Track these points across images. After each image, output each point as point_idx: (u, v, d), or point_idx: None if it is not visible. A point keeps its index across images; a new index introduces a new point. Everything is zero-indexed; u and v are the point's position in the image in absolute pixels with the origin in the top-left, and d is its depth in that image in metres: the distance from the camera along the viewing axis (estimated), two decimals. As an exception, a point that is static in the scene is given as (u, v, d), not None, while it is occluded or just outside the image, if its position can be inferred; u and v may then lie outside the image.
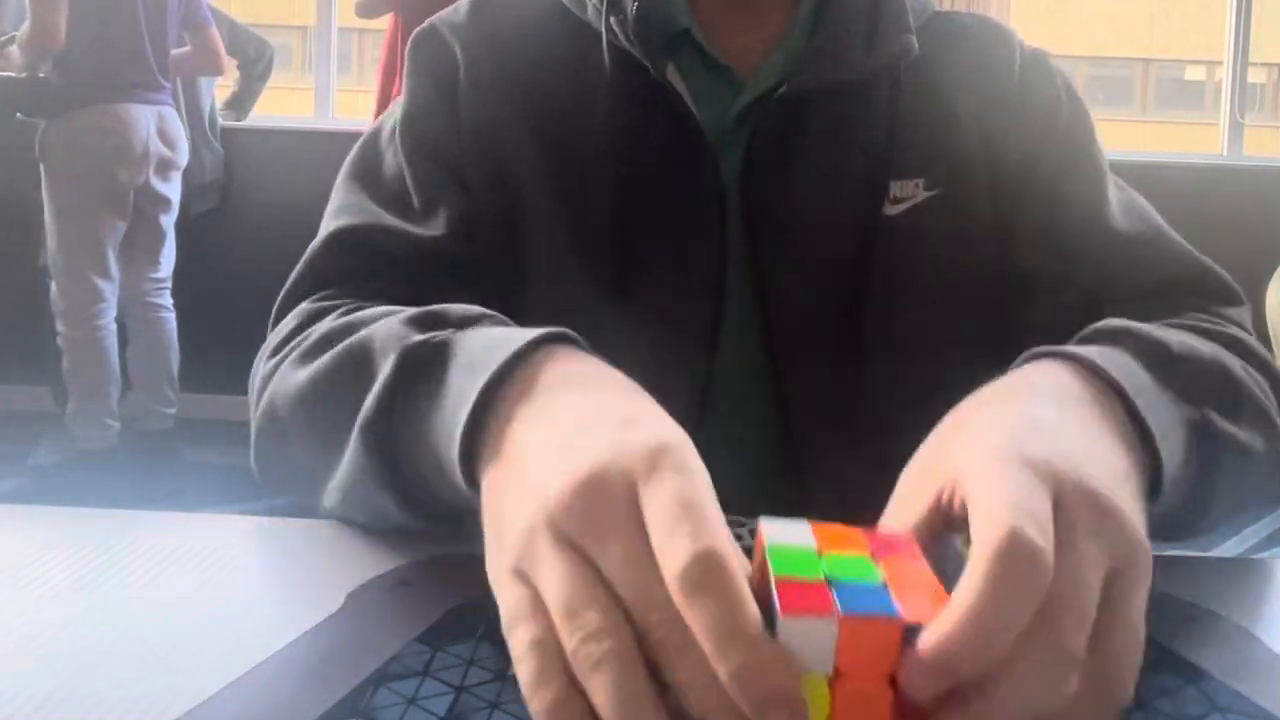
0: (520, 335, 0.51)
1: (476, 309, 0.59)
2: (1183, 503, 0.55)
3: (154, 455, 3.33)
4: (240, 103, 4.02)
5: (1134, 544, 0.41)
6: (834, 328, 0.77)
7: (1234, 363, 0.62)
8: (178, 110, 3.33)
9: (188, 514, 0.68)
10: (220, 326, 3.85)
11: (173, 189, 3.33)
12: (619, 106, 0.78)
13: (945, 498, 0.43)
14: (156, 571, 0.59)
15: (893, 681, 0.38)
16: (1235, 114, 4.08)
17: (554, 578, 0.38)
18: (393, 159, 0.80)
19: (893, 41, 0.79)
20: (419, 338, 0.56)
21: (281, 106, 4.72)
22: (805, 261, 0.78)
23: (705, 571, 0.35)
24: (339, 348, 0.60)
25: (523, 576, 0.40)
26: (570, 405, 0.46)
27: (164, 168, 3.25)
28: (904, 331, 0.78)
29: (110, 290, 3.21)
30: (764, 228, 0.77)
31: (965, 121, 0.81)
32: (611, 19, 0.78)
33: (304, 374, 0.62)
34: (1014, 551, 0.36)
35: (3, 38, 3.16)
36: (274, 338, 0.71)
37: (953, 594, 0.36)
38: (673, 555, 0.36)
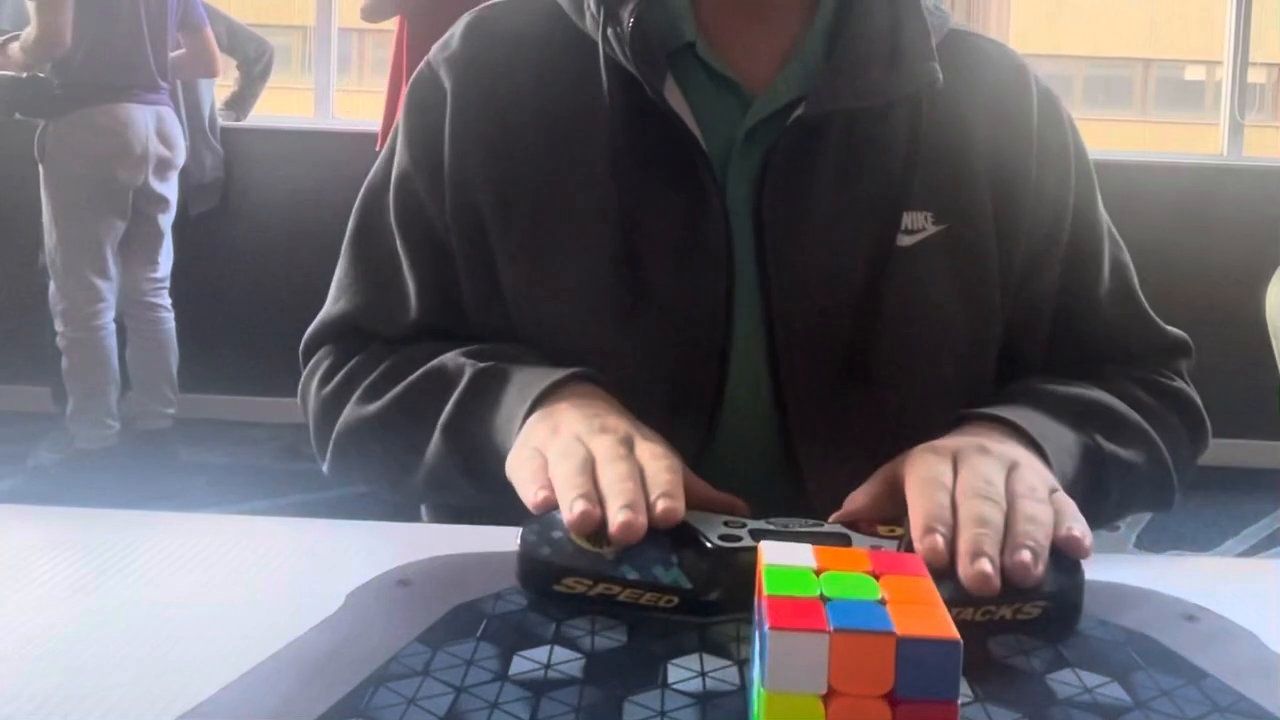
0: (561, 369, 0.70)
1: (520, 349, 0.77)
2: (1084, 482, 0.71)
3: (153, 455, 3.32)
4: (240, 103, 4.01)
5: (1018, 454, 0.63)
6: (840, 355, 0.76)
7: (1119, 404, 0.78)
8: (177, 111, 3.33)
9: (188, 514, 0.69)
10: (220, 326, 3.85)
11: (171, 189, 3.33)
12: (619, 125, 0.76)
13: (895, 485, 0.62)
14: (156, 571, 0.59)
15: (890, 700, 0.37)
16: (1235, 114, 4.08)
17: (556, 446, 0.61)
18: (388, 223, 0.83)
19: (916, 67, 0.76)
20: (484, 365, 0.74)
21: (281, 106, 4.70)
22: (815, 288, 0.76)
23: (667, 458, 0.59)
24: (413, 376, 0.77)
25: (538, 452, 0.61)
26: (603, 403, 0.67)
27: (162, 168, 3.24)
28: (908, 361, 0.77)
29: (109, 290, 3.20)
30: (774, 253, 0.76)
31: (979, 158, 0.80)
32: (609, 30, 0.75)
33: (380, 402, 0.78)
34: (929, 488, 0.58)
35: (2, 37, 3.15)
36: (318, 366, 0.84)
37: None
38: (647, 457, 0.59)
